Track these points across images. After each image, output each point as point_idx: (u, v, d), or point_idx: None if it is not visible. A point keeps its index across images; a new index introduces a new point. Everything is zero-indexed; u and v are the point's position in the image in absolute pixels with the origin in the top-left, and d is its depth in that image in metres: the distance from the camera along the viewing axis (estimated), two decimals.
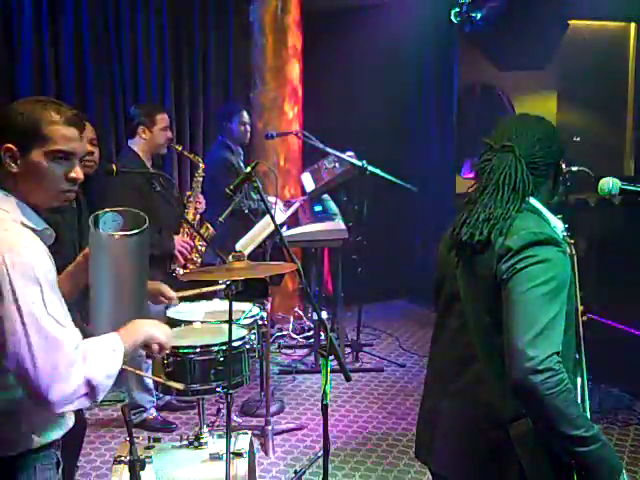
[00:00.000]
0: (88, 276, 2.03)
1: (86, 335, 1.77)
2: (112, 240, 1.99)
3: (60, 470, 1.88)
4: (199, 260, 4.17)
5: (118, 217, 2.10)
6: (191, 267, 4.08)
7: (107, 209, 2.11)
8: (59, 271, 1.85)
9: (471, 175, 6.16)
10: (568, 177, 2.10)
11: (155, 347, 1.93)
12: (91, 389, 1.70)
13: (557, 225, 1.90)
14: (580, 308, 2.01)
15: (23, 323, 1.64)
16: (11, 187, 1.78)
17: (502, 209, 1.83)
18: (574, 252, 1.98)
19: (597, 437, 1.68)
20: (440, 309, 2.02)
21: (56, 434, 1.84)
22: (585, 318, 2.03)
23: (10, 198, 1.77)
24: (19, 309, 1.64)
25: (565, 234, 1.96)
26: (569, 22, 5.03)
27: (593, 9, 5.30)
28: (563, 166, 1.96)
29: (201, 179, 4.33)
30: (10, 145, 1.75)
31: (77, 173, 1.81)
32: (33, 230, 1.77)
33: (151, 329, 1.94)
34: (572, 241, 1.99)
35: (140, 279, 2.11)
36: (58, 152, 1.77)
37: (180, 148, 4.48)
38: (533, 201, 1.88)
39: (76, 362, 1.67)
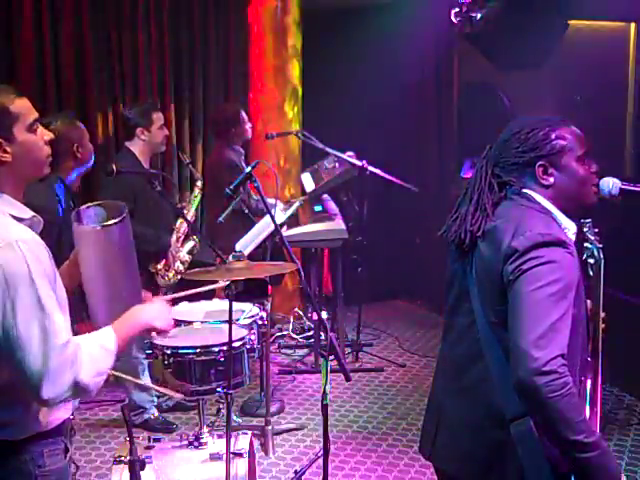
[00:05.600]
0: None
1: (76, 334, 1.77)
2: (96, 232, 1.99)
3: (68, 456, 1.88)
4: (181, 269, 4.09)
5: (100, 210, 2.09)
6: (171, 275, 4.04)
7: (89, 204, 2.10)
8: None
9: (470, 175, 6.14)
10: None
11: (154, 334, 1.96)
12: (81, 388, 1.72)
13: (568, 227, 1.88)
14: (602, 314, 2.00)
15: (15, 317, 1.64)
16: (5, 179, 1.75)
17: (474, 208, 1.89)
18: (601, 256, 1.96)
19: (598, 444, 1.66)
20: (449, 307, 2.02)
21: (61, 416, 1.84)
22: (603, 325, 2.01)
23: None
24: (13, 303, 1.64)
25: (593, 238, 1.96)
26: (569, 22, 5.01)
27: (593, 9, 5.28)
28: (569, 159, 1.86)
29: (200, 196, 4.28)
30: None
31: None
32: (21, 219, 1.76)
33: (148, 316, 1.95)
34: (600, 245, 1.97)
35: (130, 266, 2.12)
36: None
37: (188, 160, 4.41)
38: (542, 200, 1.87)
39: (65, 362, 1.68)
